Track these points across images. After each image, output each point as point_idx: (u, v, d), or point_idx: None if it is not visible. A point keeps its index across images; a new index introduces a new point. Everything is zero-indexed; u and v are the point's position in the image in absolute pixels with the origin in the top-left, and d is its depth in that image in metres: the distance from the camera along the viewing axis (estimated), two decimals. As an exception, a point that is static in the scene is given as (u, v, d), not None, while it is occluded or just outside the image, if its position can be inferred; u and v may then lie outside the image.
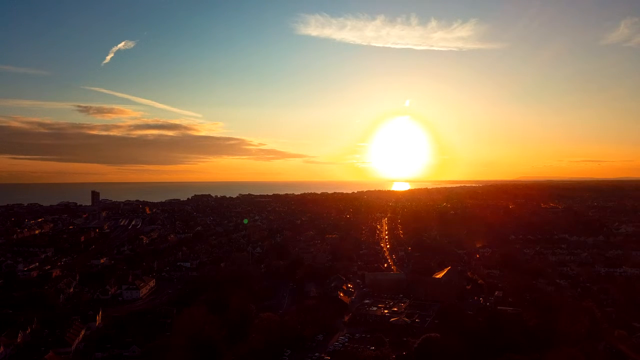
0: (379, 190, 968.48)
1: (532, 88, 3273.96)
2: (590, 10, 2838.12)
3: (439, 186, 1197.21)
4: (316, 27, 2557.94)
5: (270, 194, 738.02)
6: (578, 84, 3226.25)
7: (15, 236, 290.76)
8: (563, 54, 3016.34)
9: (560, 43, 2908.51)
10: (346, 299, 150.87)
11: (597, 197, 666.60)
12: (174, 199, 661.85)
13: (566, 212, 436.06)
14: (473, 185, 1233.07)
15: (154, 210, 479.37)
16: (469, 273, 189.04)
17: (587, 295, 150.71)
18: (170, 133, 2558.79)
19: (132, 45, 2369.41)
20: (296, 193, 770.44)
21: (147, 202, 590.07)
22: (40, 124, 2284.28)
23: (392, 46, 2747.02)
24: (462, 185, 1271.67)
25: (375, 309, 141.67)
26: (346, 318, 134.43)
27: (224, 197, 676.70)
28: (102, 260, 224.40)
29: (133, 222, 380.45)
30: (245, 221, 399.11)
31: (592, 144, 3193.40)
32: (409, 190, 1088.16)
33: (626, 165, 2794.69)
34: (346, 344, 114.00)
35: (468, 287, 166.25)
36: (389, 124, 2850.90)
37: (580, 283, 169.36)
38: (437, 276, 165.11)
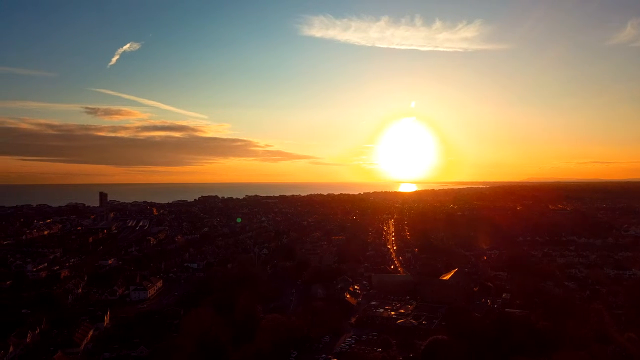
0: (386, 192, 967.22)
1: (538, 89, 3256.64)
2: (596, 11, 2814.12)
3: (445, 187, 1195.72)
4: (320, 29, 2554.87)
5: (277, 195, 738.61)
6: (585, 84, 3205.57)
7: (24, 237, 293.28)
8: (569, 55, 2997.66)
9: (567, 44, 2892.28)
10: (353, 301, 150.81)
11: (605, 198, 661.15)
12: (180, 200, 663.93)
13: (574, 213, 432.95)
14: (480, 186, 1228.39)
15: (161, 211, 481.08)
16: (476, 275, 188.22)
17: (596, 298, 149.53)
18: (177, 134, 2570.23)
19: (137, 47, 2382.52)
20: (302, 194, 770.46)
21: (154, 203, 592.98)
22: (49, 126, 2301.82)
23: (397, 47, 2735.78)
24: (469, 186, 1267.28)
25: (382, 310, 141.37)
26: (353, 320, 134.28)
27: (230, 199, 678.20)
28: (110, 261, 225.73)
29: (140, 223, 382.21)
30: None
31: (599, 145, 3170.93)
32: (415, 191, 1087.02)
33: (634, 167, 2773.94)
34: (353, 345, 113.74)
35: (475, 289, 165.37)
36: (395, 125, 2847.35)
37: (589, 285, 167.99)
38: (444, 278, 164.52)
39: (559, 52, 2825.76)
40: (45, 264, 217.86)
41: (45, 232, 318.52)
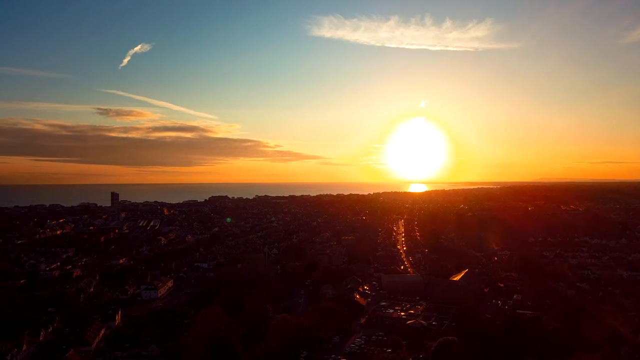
0: (396, 192, 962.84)
1: (550, 88, 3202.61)
2: (609, 9, 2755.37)
3: (456, 188, 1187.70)
4: (330, 29, 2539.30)
5: (286, 195, 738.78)
6: (597, 83, 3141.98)
7: (37, 236, 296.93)
8: (581, 53, 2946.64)
9: (579, 42, 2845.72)
10: (362, 301, 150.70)
11: (618, 198, 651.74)
12: (191, 200, 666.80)
13: (587, 214, 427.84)
14: (491, 186, 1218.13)
15: (172, 211, 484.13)
16: (487, 276, 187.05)
17: (609, 300, 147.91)
18: (187, 135, 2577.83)
19: (148, 48, 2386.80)
20: (312, 194, 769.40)
21: (165, 203, 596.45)
22: (62, 127, 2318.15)
23: (407, 47, 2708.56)
24: (479, 186, 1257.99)
25: (391, 311, 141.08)
26: (362, 320, 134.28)
27: (240, 199, 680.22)
28: (121, 261, 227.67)
29: (151, 223, 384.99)
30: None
31: (612, 145, 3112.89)
32: (425, 191, 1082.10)
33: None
34: (362, 346, 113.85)
35: (486, 290, 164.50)
36: (405, 125, 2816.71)
37: (602, 287, 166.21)
38: (455, 279, 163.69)
39: (570, 50, 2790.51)
40: (58, 264, 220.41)
41: (58, 232, 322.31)
